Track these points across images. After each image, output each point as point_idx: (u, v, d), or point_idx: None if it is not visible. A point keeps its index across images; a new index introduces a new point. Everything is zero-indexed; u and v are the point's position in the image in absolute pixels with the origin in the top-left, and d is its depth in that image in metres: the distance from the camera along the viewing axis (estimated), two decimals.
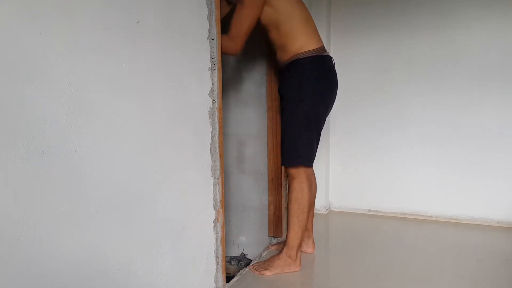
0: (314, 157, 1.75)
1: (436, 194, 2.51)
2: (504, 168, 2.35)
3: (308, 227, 1.91)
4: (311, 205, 1.85)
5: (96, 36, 0.88)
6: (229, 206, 2.33)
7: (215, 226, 1.39)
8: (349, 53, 2.67)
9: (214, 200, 1.38)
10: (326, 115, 1.77)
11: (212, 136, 1.36)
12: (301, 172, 1.69)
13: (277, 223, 2.19)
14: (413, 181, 2.57)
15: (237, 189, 2.32)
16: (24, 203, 0.74)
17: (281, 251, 1.76)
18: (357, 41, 2.66)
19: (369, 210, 2.71)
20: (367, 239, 2.20)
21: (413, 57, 2.51)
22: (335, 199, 2.82)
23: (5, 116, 0.70)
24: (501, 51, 2.31)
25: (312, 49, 1.64)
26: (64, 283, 0.83)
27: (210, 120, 1.35)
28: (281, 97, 1.74)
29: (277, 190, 2.17)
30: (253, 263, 1.80)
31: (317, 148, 1.75)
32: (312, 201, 1.85)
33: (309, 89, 1.64)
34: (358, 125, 2.70)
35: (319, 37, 1.72)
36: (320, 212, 2.70)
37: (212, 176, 1.37)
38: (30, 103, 0.74)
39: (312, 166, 1.76)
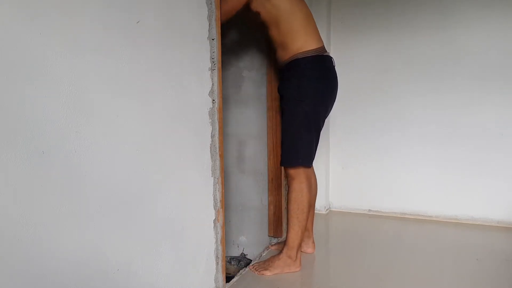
0: (314, 157, 1.74)
1: (436, 194, 2.51)
2: (504, 168, 2.35)
3: (308, 227, 1.91)
4: (311, 205, 1.85)
5: (96, 36, 0.88)
6: (229, 206, 2.33)
7: (215, 226, 1.39)
8: (349, 53, 2.67)
9: (214, 200, 1.38)
10: (326, 115, 1.76)
11: (212, 136, 1.36)
12: (301, 172, 1.69)
13: (277, 223, 2.19)
14: (413, 181, 2.57)
15: (237, 189, 2.32)
16: (24, 203, 0.74)
17: (281, 251, 1.76)
18: (357, 41, 2.66)
19: (369, 210, 2.71)
20: (367, 239, 2.20)
21: (413, 57, 2.51)
22: (335, 199, 2.82)
23: (5, 116, 0.70)
24: (501, 51, 2.31)
25: (313, 49, 1.64)
26: (64, 283, 0.83)
27: (210, 120, 1.35)
28: (281, 97, 1.74)
29: (277, 190, 2.17)
30: (253, 263, 1.80)
31: (316, 148, 1.75)
32: (312, 201, 1.85)
33: (309, 89, 1.64)
34: (358, 125, 2.70)
35: (319, 37, 1.71)
36: (320, 212, 2.70)
37: (212, 176, 1.37)
38: (30, 103, 0.74)
39: (311, 166, 1.76)
